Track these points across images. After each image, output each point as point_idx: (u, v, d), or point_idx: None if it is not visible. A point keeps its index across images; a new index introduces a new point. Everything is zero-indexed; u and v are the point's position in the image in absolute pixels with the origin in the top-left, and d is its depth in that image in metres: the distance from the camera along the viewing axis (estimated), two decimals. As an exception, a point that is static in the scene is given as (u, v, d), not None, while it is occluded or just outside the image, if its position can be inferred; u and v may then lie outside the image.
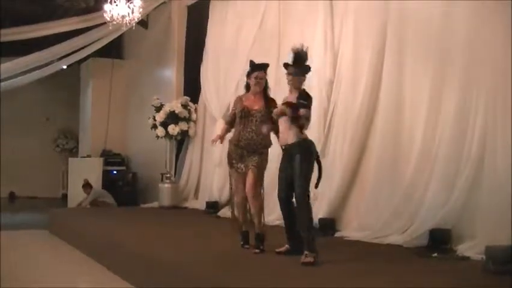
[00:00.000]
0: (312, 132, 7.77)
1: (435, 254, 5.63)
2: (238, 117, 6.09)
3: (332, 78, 7.83)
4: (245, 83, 6.28)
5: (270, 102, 6.07)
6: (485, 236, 5.55)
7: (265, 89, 6.16)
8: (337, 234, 7.18)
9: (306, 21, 8.51)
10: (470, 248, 5.60)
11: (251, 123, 6.02)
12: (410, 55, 6.75)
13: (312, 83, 7.00)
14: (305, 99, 5.56)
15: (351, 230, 7.17)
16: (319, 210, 7.30)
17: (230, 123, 6.29)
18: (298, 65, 5.69)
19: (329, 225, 7.29)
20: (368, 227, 6.80)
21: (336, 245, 6.48)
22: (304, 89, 5.69)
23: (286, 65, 5.75)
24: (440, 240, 5.86)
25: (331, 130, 7.77)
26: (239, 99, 6.23)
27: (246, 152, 6.01)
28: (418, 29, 6.64)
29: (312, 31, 8.20)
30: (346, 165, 7.43)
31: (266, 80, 6.17)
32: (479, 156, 5.81)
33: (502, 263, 4.99)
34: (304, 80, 5.71)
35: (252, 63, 6.21)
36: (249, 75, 6.17)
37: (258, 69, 6.12)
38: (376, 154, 7.06)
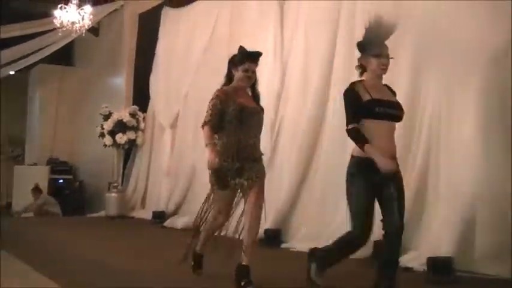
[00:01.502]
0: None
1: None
2: (232, 120, 4.79)
3: (280, 88, 7.85)
4: (226, 74, 5.07)
5: (259, 101, 5.04)
6: (427, 247, 5.59)
7: (254, 83, 5.03)
8: (283, 246, 7.15)
9: (257, 31, 8.53)
10: (413, 259, 5.62)
11: (251, 126, 4.84)
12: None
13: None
14: (394, 93, 4.50)
15: (296, 240, 7.15)
16: (266, 221, 7.26)
17: (216, 130, 4.88)
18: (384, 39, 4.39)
19: (275, 236, 7.26)
20: (314, 236, 6.79)
21: (283, 258, 6.45)
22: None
23: (368, 46, 4.37)
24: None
25: (279, 140, 7.77)
26: (225, 94, 4.85)
27: (246, 163, 4.80)
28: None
29: (263, 41, 8.22)
30: (295, 175, 7.43)
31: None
32: (422, 168, 5.88)
33: (443, 273, 5.09)
34: None
35: (242, 50, 4.97)
36: (236, 65, 4.95)
37: (250, 59, 4.95)
38: (324, 163, 7.08)
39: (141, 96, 11.96)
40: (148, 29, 11.99)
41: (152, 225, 9.82)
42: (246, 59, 4.96)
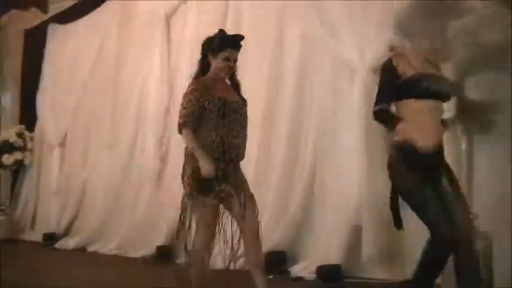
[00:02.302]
0: (149, 157, 7.69)
1: (271, 276, 5.74)
2: (212, 115, 4.11)
3: (168, 103, 7.84)
4: (199, 63, 4.33)
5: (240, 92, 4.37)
6: (317, 256, 5.74)
7: (233, 74, 4.32)
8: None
9: (144, 47, 8.51)
10: (303, 269, 5.76)
11: (235, 122, 4.18)
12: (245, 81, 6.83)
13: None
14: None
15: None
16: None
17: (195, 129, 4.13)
18: None
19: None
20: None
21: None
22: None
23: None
24: (276, 261, 5.95)
25: (168, 154, 7.79)
26: (203, 86, 4.14)
27: (231, 166, 4.13)
28: (253, 57, 6.78)
29: (151, 56, 8.22)
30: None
31: None
32: (309, 180, 6.04)
33: (332, 280, 5.26)
34: None
35: (223, 34, 4.26)
36: (214, 52, 4.21)
37: (232, 45, 4.23)
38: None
39: (28, 115, 11.61)
40: (35, 46, 11.66)
41: (42, 247, 9.52)
42: (228, 45, 4.22)
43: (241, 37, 4.29)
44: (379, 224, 5.42)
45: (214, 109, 4.11)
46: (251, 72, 6.50)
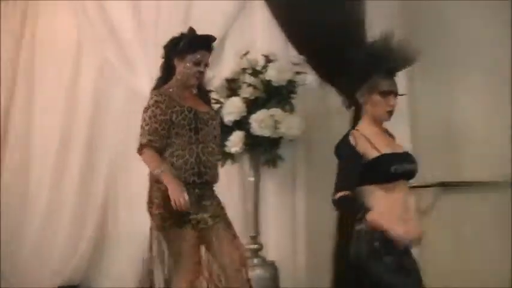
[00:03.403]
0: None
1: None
2: (182, 131, 3.50)
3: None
4: (162, 69, 3.76)
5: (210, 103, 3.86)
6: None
7: (201, 82, 3.74)
8: None
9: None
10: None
11: (209, 137, 3.58)
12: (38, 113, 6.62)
13: None
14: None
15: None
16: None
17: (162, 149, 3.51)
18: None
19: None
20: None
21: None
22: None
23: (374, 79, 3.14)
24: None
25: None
26: (168, 97, 3.52)
27: (208, 190, 3.57)
28: (51, 85, 6.55)
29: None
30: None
31: None
32: (102, 212, 5.97)
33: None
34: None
35: (193, 34, 3.64)
36: (181, 55, 3.59)
37: (204, 47, 3.62)
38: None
39: None
40: None
41: None
42: (198, 45, 3.57)
43: (214, 38, 3.71)
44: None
45: (184, 122, 3.48)
46: (47, 101, 6.35)
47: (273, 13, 5.21)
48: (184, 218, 3.41)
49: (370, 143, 3.09)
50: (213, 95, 4.76)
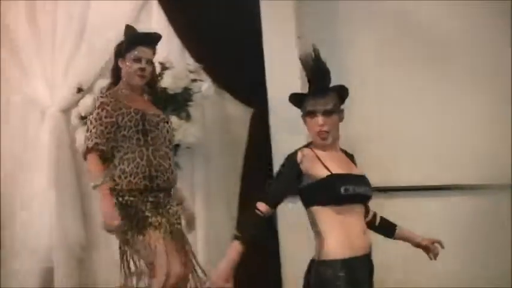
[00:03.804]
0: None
1: None
2: (130, 133, 3.40)
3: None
4: (111, 72, 3.70)
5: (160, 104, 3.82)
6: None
7: (153, 80, 3.70)
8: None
9: None
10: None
11: (160, 140, 3.48)
12: None
13: None
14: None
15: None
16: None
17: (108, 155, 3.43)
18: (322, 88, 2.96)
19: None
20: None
21: None
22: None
23: (299, 97, 2.98)
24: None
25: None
26: (113, 99, 3.44)
27: (164, 197, 3.46)
28: None
29: None
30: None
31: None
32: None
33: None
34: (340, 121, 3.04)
35: (131, 31, 3.60)
36: (123, 55, 3.53)
37: (143, 42, 3.53)
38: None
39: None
40: None
41: None
42: (137, 42, 3.49)
43: (156, 35, 3.63)
44: (70, 264, 5.44)
45: (130, 124, 3.37)
46: None
47: (170, 19, 5.24)
48: (144, 223, 3.32)
49: (321, 162, 2.88)
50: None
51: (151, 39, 3.58)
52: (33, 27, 5.70)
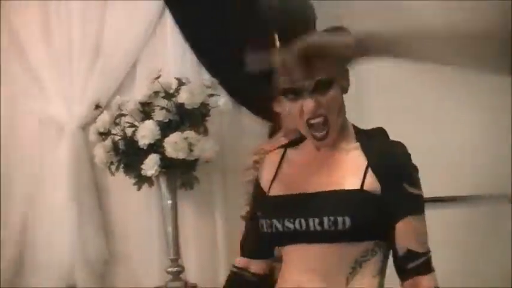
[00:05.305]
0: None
1: None
2: None
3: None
4: None
5: None
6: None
7: None
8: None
9: None
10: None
11: None
12: None
13: None
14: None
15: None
16: None
17: None
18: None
19: None
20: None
21: None
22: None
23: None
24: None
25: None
26: None
27: None
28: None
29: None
30: None
31: None
32: (19, 239, 5.72)
33: None
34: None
35: None
36: None
37: None
38: None
39: None
40: None
41: None
42: None
43: None
44: (93, 280, 5.47)
45: None
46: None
47: (184, 35, 5.31)
48: None
49: (273, 173, 2.13)
50: (128, 119, 4.92)
51: None
52: (48, 46, 5.72)
